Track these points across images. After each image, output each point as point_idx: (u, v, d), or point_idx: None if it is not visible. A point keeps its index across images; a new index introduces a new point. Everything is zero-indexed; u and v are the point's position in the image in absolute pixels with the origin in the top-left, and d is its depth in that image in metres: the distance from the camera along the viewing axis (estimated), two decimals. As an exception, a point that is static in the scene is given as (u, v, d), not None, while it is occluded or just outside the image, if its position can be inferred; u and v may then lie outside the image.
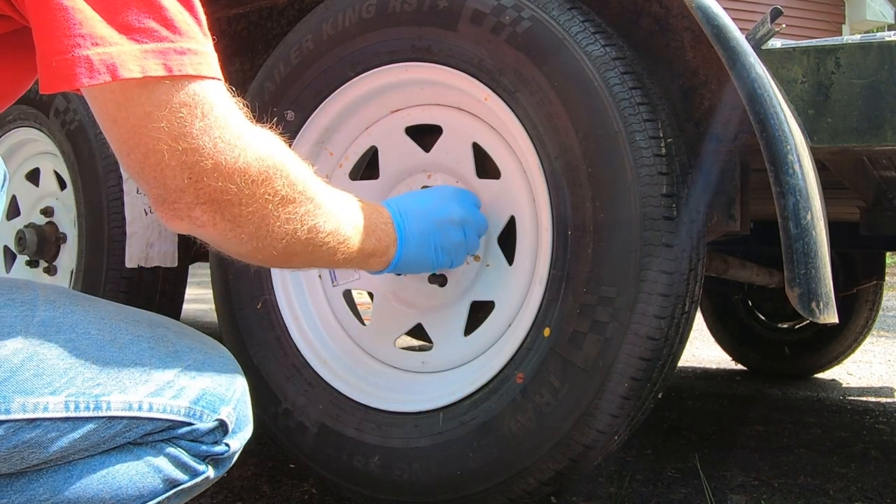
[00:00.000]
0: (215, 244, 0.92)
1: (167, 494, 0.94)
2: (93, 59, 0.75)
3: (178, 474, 0.94)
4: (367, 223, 1.15)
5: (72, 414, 0.84)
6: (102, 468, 0.89)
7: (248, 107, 0.91)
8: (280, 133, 0.99)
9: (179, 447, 0.94)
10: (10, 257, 2.50)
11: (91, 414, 0.86)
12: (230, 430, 0.97)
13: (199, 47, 0.81)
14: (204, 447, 0.95)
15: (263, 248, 0.93)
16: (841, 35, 5.52)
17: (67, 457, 0.87)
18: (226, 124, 0.84)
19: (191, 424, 0.93)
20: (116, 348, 0.89)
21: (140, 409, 0.89)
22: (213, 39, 0.85)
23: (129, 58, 0.76)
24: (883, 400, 3.13)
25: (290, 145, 1.65)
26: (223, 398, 0.95)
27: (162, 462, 0.93)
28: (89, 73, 0.75)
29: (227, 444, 0.97)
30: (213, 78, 0.84)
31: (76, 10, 0.75)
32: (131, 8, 0.77)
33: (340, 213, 1.07)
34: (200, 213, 0.85)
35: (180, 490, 0.95)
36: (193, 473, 0.95)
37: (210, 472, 0.97)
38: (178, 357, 0.94)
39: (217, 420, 0.95)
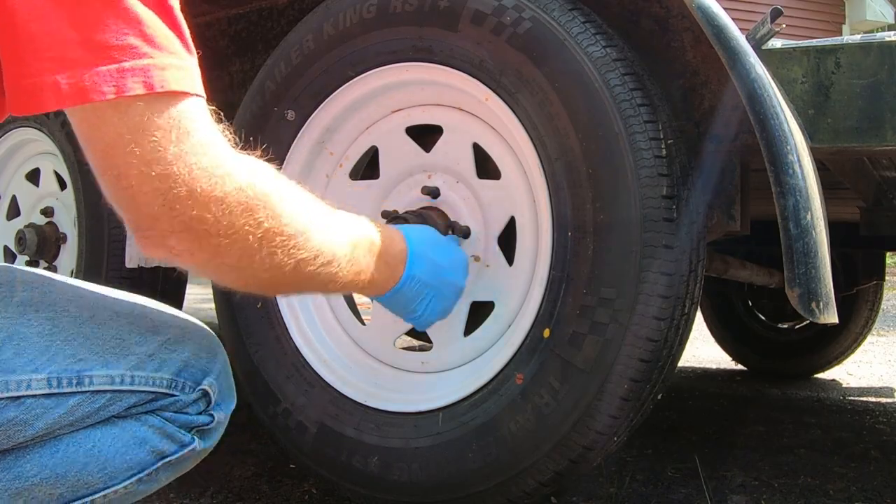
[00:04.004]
0: (197, 274, 0.89)
1: (155, 466, 0.95)
2: (60, 82, 0.71)
3: (165, 445, 0.95)
4: (371, 254, 1.09)
5: (55, 390, 0.85)
6: (88, 442, 0.90)
7: (234, 133, 0.88)
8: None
9: (164, 418, 0.95)
10: (11, 257, 2.51)
11: (74, 389, 0.87)
12: (213, 401, 0.98)
13: (180, 62, 0.77)
14: (189, 417, 0.96)
15: (246, 278, 0.90)
16: (841, 35, 5.52)
17: (53, 433, 0.88)
18: (204, 150, 0.79)
19: (174, 396, 0.94)
20: (96, 324, 0.90)
21: (122, 382, 0.90)
22: (199, 53, 0.84)
23: (103, 78, 0.72)
24: (883, 400, 3.13)
25: (290, 145, 1.67)
26: (205, 370, 0.96)
27: (148, 433, 0.94)
28: (56, 97, 0.71)
29: (211, 415, 0.98)
30: (195, 95, 0.79)
31: (47, 32, 0.71)
32: (107, 25, 0.72)
33: (337, 245, 1.00)
34: (176, 241, 0.80)
35: (168, 462, 0.96)
36: (180, 444, 0.96)
37: (197, 444, 0.98)
38: (159, 331, 0.95)
39: (200, 391, 0.96)
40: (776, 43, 1.32)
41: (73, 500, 0.90)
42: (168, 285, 2.27)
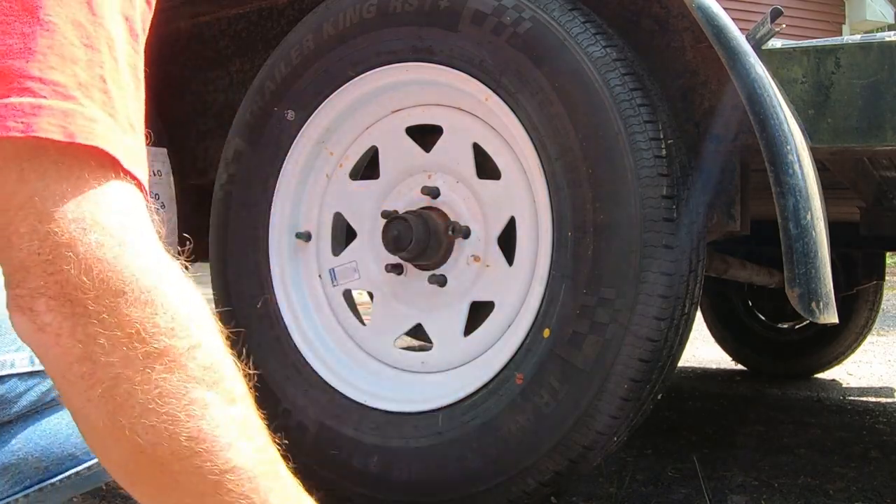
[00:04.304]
0: (56, 377, 0.62)
1: None
2: None
3: None
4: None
5: (37, 367, 0.87)
6: (70, 415, 0.91)
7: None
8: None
9: None
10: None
11: None
12: None
13: (115, 126, 0.62)
14: None
15: (117, 423, 0.61)
16: (841, 35, 5.51)
17: (37, 409, 0.89)
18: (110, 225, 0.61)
19: None
20: None
21: None
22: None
23: (10, 111, 0.58)
24: (883, 400, 3.13)
25: (290, 145, 1.67)
26: None
27: None
28: None
29: None
30: (129, 175, 0.63)
31: None
32: (34, 53, 0.59)
33: (247, 449, 0.67)
34: (45, 308, 0.60)
35: None
36: None
37: None
38: None
39: None
40: (776, 43, 1.32)
41: (58, 472, 0.92)
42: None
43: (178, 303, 0.63)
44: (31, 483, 0.90)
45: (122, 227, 0.61)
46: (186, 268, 0.68)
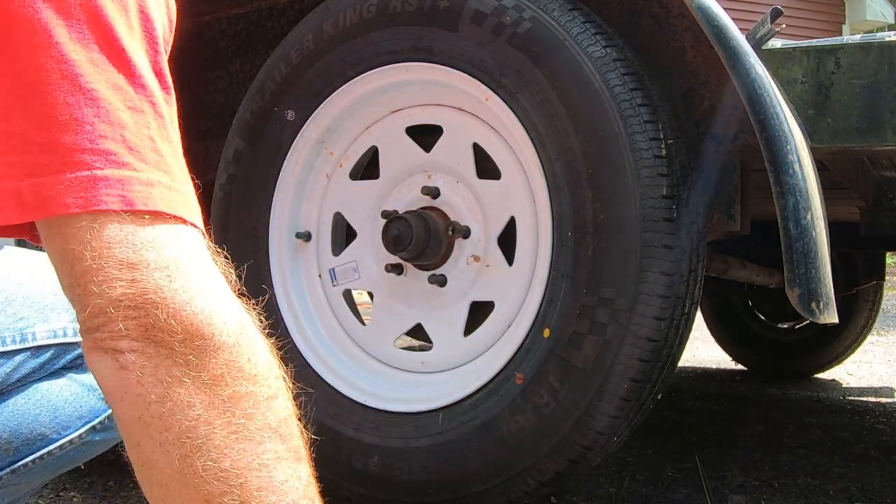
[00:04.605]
0: (130, 420, 0.61)
1: (108, 412, 0.96)
2: (23, 190, 0.59)
3: None
4: None
5: (0, 349, 0.88)
6: (37, 394, 0.93)
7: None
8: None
9: None
10: None
11: (18, 346, 0.89)
12: None
13: (172, 183, 0.63)
14: None
15: (189, 468, 0.60)
16: (841, 35, 5.52)
17: (4, 390, 0.90)
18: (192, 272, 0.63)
19: None
20: (36, 283, 0.93)
21: (65, 335, 0.92)
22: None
23: (70, 188, 0.59)
24: (883, 400, 3.13)
25: (290, 145, 1.67)
26: None
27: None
28: (19, 208, 0.59)
29: None
30: (192, 225, 0.64)
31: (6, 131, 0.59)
32: (81, 124, 0.58)
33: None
34: (128, 348, 0.60)
35: None
36: None
37: None
38: None
39: None
40: (776, 43, 1.32)
41: (29, 453, 0.92)
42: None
43: (261, 352, 0.64)
44: (3, 465, 0.91)
45: (203, 273, 0.63)
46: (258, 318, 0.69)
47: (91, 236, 0.59)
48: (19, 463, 0.92)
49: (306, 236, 1.67)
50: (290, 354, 1.62)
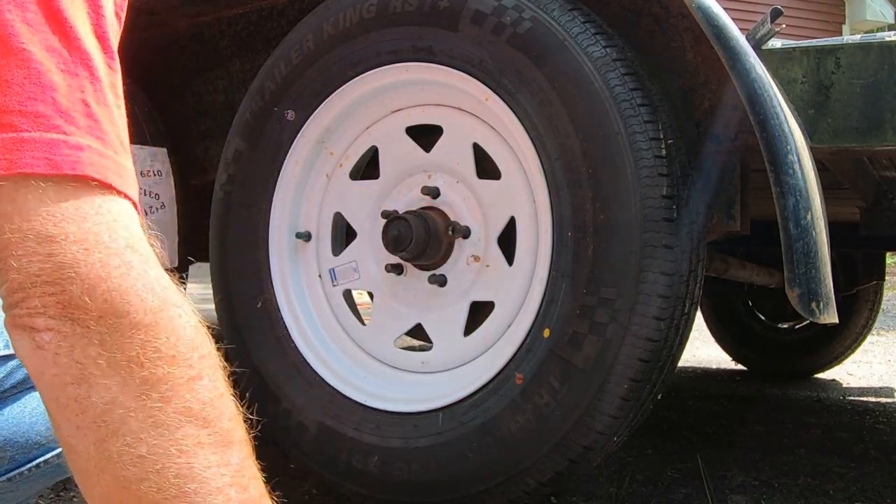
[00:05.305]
0: (49, 401, 0.60)
1: None
2: None
3: None
4: None
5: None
6: (33, 402, 0.89)
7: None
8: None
9: None
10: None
11: (11, 351, 0.85)
12: None
13: (102, 148, 0.60)
14: None
15: (105, 452, 0.58)
16: (841, 35, 5.52)
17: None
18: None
19: None
20: None
21: None
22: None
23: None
24: (883, 400, 3.13)
25: (290, 145, 1.67)
26: None
27: None
28: None
29: None
30: (125, 196, 0.61)
31: None
32: (10, 85, 0.57)
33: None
34: (44, 326, 0.58)
35: None
36: None
37: None
38: None
39: None
40: (776, 43, 1.32)
41: (26, 462, 0.90)
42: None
43: (182, 330, 0.61)
44: None
45: (126, 247, 0.60)
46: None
47: (12, 208, 0.57)
48: (15, 472, 0.90)
49: (306, 236, 1.67)
50: (290, 354, 1.62)
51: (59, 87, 0.58)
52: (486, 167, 1.53)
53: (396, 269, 1.57)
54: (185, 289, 0.65)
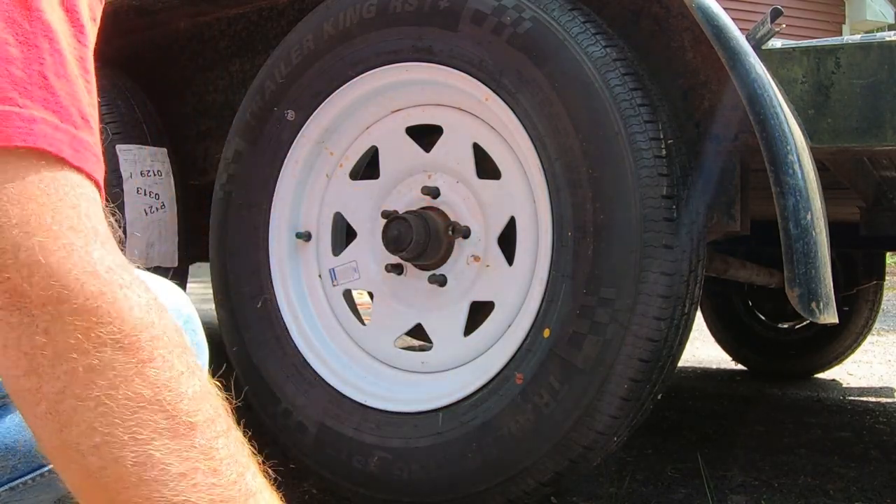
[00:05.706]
0: (9, 393, 0.59)
1: None
2: None
3: None
4: None
5: None
6: None
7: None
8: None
9: None
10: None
11: None
12: None
13: (57, 121, 0.58)
14: None
15: (65, 442, 0.57)
16: (841, 35, 5.52)
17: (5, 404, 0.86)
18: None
19: None
20: None
21: None
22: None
23: None
24: (883, 400, 3.13)
25: (290, 145, 1.67)
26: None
27: None
28: None
29: None
30: (82, 171, 0.58)
31: None
32: None
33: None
34: None
35: None
36: None
37: None
38: None
39: None
40: (776, 43, 1.32)
41: (28, 471, 0.87)
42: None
43: (128, 312, 0.57)
44: (0, 482, 0.86)
45: (70, 228, 0.56)
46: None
47: None
48: (18, 481, 0.87)
49: (306, 236, 1.67)
50: (290, 354, 1.62)
51: (14, 60, 0.56)
52: (486, 167, 1.53)
53: (396, 269, 1.58)
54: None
